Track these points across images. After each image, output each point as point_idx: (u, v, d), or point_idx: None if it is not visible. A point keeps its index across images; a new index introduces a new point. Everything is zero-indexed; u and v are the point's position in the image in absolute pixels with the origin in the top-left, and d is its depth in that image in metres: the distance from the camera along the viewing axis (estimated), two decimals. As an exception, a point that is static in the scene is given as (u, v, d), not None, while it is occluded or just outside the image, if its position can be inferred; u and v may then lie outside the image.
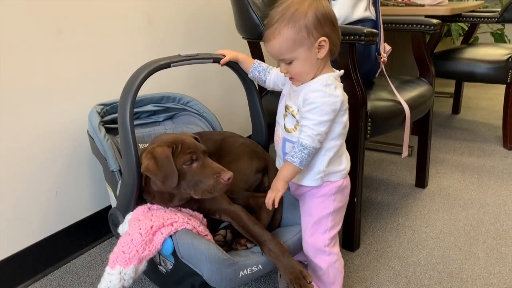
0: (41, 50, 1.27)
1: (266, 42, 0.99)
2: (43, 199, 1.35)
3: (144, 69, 1.04)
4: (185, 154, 1.01)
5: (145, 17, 1.59)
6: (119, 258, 0.95)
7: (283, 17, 0.95)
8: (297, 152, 0.98)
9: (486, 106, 3.18)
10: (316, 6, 0.96)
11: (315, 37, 0.96)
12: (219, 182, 1.00)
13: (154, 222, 1.00)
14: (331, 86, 0.98)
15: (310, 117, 0.97)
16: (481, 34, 3.55)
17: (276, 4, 0.99)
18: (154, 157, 1.00)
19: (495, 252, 1.43)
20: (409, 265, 1.37)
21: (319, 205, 1.07)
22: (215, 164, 1.03)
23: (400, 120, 1.46)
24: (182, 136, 1.06)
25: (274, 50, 0.99)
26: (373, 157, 2.27)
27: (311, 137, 0.96)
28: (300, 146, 0.97)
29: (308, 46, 0.96)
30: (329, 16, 0.98)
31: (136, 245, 0.96)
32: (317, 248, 1.08)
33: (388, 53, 1.62)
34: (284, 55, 0.98)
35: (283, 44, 0.96)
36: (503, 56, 2.29)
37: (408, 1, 2.31)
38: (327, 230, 1.08)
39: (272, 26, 0.97)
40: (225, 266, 0.95)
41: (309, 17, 0.95)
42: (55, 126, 1.35)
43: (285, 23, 0.95)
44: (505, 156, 2.24)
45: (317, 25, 0.95)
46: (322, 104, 0.96)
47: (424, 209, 1.72)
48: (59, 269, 1.40)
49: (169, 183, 1.00)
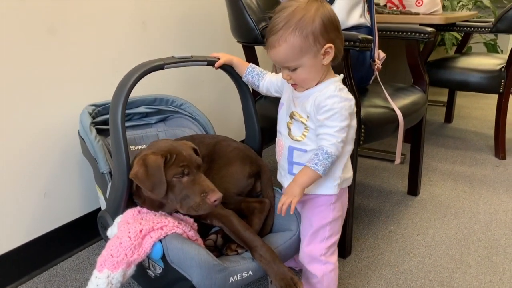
0: (32, 49, 1.25)
1: (270, 49, 0.96)
2: (31, 200, 1.33)
3: (138, 70, 1.03)
4: (177, 167, 0.99)
5: (140, 18, 1.57)
6: (107, 262, 0.94)
7: (288, 23, 0.92)
8: (321, 160, 0.95)
9: (479, 116, 3.20)
10: (322, 12, 0.93)
11: (321, 44, 0.93)
12: (205, 202, 0.98)
13: (144, 225, 0.98)
14: (344, 90, 0.97)
15: (331, 124, 0.95)
16: (474, 44, 3.59)
17: (278, 8, 0.96)
18: (145, 165, 0.98)
19: (486, 261, 1.43)
20: (401, 273, 1.37)
21: (318, 214, 1.07)
22: (206, 182, 1.00)
23: (393, 127, 1.46)
24: (180, 147, 1.03)
25: (279, 58, 0.96)
26: (366, 164, 2.27)
27: (335, 145, 0.95)
28: (325, 154, 0.95)
29: (314, 53, 0.94)
30: (334, 21, 0.96)
31: (125, 249, 0.94)
32: (313, 256, 1.07)
33: (383, 60, 1.62)
34: (289, 62, 0.96)
35: (289, 51, 0.93)
36: (496, 66, 2.31)
37: (403, 9, 2.33)
38: (324, 239, 1.08)
39: (277, 33, 0.93)
40: (215, 271, 0.94)
41: (316, 23, 0.92)
42: (45, 127, 1.33)
43: (292, 30, 0.92)
44: (496, 166, 2.25)
45: (323, 32, 0.93)
46: (341, 109, 0.95)
47: (416, 217, 1.72)
48: (45, 272, 1.37)
49: (156, 192, 0.99)
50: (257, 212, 1.13)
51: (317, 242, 1.07)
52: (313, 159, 0.96)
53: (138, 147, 1.35)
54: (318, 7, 0.93)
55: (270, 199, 1.18)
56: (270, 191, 1.19)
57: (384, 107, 1.46)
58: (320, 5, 0.94)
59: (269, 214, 1.17)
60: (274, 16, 0.95)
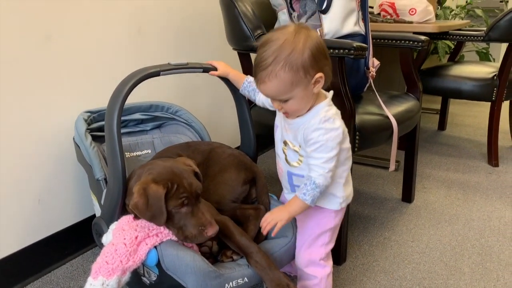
0: (28, 55, 1.26)
1: (261, 84, 0.95)
2: (26, 207, 1.32)
3: (134, 77, 1.03)
4: (178, 199, 0.97)
5: (136, 25, 1.58)
6: (102, 269, 0.93)
7: (278, 58, 0.91)
8: (309, 190, 0.97)
9: (472, 123, 3.23)
10: (310, 43, 0.92)
11: (311, 75, 0.93)
12: (202, 235, 0.98)
13: (139, 232, 0.98)
14: (329, 120, 0.97)
15: (318, 156, 0.96)
16: (466, 52, 3.63)
17: (264, 40, 0.94)
18: (146, 195, 0.95)
19: (480, 268, 1.44)
20: (395, 280, 1.37)
21: (321, 220, 1.09)
22: (204, 215, 0.99)
23: (387, 134, 1.47)
24: (182, 173, 1.00)
25: (270, 92, 0.96)
26: (360, 171, 2.28)
27: (323, 175, 0.96)
28: (313, 185, 0.97)
29: (305, 85, 0.94)
30: (322, 49, 0.95)
31: (120, 256, 0.94)
32: (312, 260, 1.09)
33: (377, 67, 1.64)
34: (281, 96, 0.95)
35: (280, 86, 0.93)
36: (488, 74, 2.33)
37: (397, 18, 2.35)
38: (324, 244, 1.10)
39: (266, 68, 0.92)
40: (211, 278, 0.94)
41: (305, 56, 0.91)
42: (40, 133, 1.32)
43: (282, 66, 0.91)
44: (489, 173, 2.26)
45: (313, 63, 0.92)
46: (326, 141, 0.96)
47: (410, 223, 1.73)
48: (39, 279, 1.36)
49: (155, 222, 0.98)
50: (253, 219, 1.13)
51: (317, 246, 1.09)
52: (302, 188, 0.98)
53: (134, 153, 1.35)
54: (305, 38, 0.92)
55: (265, 206, 1.18)
56: (265, 197, 1.20)
57: (378, 114, 1.47)
58: (307, 35, 0.93)
59: (265, 221, 1.17)
60: (261, 50, 0.93)
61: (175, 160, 1.07)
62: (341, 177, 1.05)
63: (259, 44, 0.95)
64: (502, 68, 2.26)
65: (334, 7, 1.50)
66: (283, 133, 1.07)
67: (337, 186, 1.06)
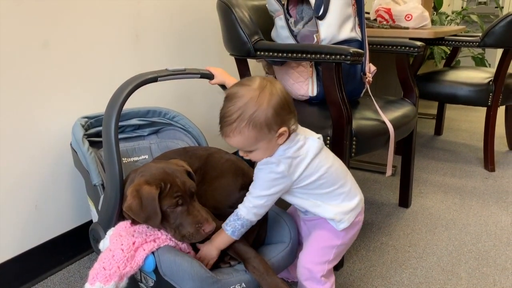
0: (26, 62, 1.26)
1: (226, 137, 0.99)
2: (22, 213, 1.32)
3: (131, 83, 1.03)
4: (171, 198, 0.97)
5: (133, 31, 1.59)
6: (99, 275, 0.93)
7: (242, 116, 0.94)
8: (231, 221, 1.01)
9: (468, 128, 3.24)
10: (274, 101, 0.95)
11: (275, 130, 0.97)
12: (199, 232, 0.98)
13: (137, 238, 0.98)
14: (272, 165, 0.98)
15: (252, 190, 1.01)
16: (462, 57, 3.65)
17: (230, 95, 0.98)
18: (139, 197, 0.96)
19: (477, 273, 1.44)
20: (392, 285, 1.37)
21: (328, 234, 1.07)
22: (200, 212, 0.99)
23: (384, 139, 1.47)
24: (174, 173, 1.01)
25: (235, 145, 1.00)
26: (357, 175, 2.28)
27: (247, 208, 1.00)
28: (235, 216, 1.01)
29: (269, 139, 0.98)
30: (285, 103, 0.98)
31: (118, 261, 0.94)
32: (313, 275, 1.07)
33: (373, 73, 1.65)
34: (245, 148, 1.00)
35: (244, 141, 0.97)
36: (484, 79, 2.35)
37: (393, 24, 2.37)
38: (327, 262, 1.08)
39: (231, 124, 0.95)
40: (208, 284, 0.94)
41: (269, 114, 0.95)
42: (38, 138, 1.32)
43: (245, 124, 0.94)
44: (486, 178, 2.27)
45: (276, 120, 0.96)
46: (261, 179, 1.00)
47: (407, 228, 1.73)
48: (36, 285, 1.35)
49: (151, 223, 0.98)
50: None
51: (321, 263, 1.07)
52: (227, 219, 1.02)
53: (131, 159, 1.35)
54: (270, 97, 0.95)
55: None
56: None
57: (375, 119, 1.48)
58: (271, 93, 0.95)
59: (262, 226, 1.17)
60: (225, 104, 0.97)
61: (167, 162, 1.08)
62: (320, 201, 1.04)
63: (225, 96, 0.99)
64: (497, 73, 2.27)
65: (331, 13, 1.51)
66: None
67: (324, 210, 1.04)
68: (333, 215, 1.04)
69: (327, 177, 1.03)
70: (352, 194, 1.07)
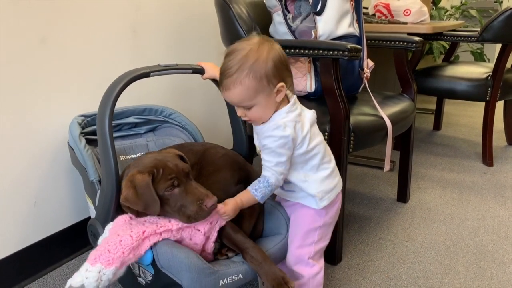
0: (23, 58, 1.26)
1: (225, 91, 1.00)
2: (22, 209, 1.33)
3: (124, 78, 1.04)
4: (166, 180, 0.98)
5: (130, 27, 1.58)
6: (102, 256, 0.91)
7: (242, 67, 0.96)
8: (261, 188, 1.02)
9: (466, 123, 3.25)
10: (273, 54, 0.98)
11: (274, 84, 0.98)
12: (202, 209, 0.98)
13: (147, 227, 0.97)
14: (280, 128, 1.00)
15: (269, 159, 1.02)
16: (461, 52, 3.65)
17: (229, 51, 1.00)
18: (134, 186, 0.96)
19: (475, 267, 1.45)
20: (391, 279, 1.38)
21: (310, 218, 1.09)
22: (198, 189, 1.00)
23: (382, 134, 1.47)
24: (165, 158, 1.02)
25: (234, 99, 1.01)
26: (356, 171, 2.29)
27: (275, 176, 1.02)
28: (266, 183, 1.02)
29: (267, 93, 0.99)
30: (284, 60, 1.01)
31: (123, 247, 0.92)
32: (300, 258, 1.09)
33: (371, 69, 1.65)
34: (245, 102, 1.00)
35: (244, 93, 0.98)
36: (483, 74, 2.35)
37: (391, 19, 2.36)
38: (313, 243, 1.10)
39: (231, 76, 0.97)
40: (205, 275, 0.94)
41: (269, 66, 0.97)
42: (35, 136, 1.33)
43: (246, 73, 0.96)
44: (484, 172, 2.28)
45: (275, 73, 0.98)
46: (275, 147, 1.00)
47: (405, 223, 1.74)
48: (35, 281, 1.36)
49: (151, 211, 0.98)
50: (247, 217, 1.14)
51: (306, 245, 1.09)
52: (255, 184, 1.03)
53: (128, 156, 1.35)
54: (269, 49, 0.98)
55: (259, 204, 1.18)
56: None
57: (373, 115, 1.48)
58: (270, 47, 0.99)
59: (259, 219, 1.17)
60: (226, 59, 0.99)
61: (157, 152, 1.09)
62: (307, 176, 1.07)
63: (225, 53, 1.01)
64: (496, 68, 2.28)
65: (329, 9, 1.51)
66: (254, 138, 1.13)
67: (308, 185, 1.07)
68: (316, 192, 1.07)
69: (319, 149, 1.07)
70: (335, 173, 1.12)
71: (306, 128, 1.04)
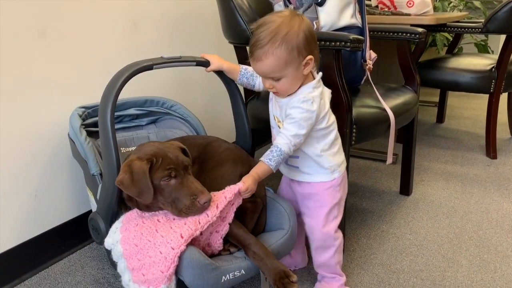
0: (22, 51, 1.25)
1: (257, 61, 1.02)
2: (22, 203, 1.32)
3: (127, 71, 1.02)
4: (163, 170, 0.98)
5: (131, 19, 1.57)
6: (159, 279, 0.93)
7: (275, 38, 0.99)
8: (275, 156, 1.05)
9: (470, 116, 3.23)
10: (304, 26, 1.01)
11: (303, 56, 1.02)
12: (195, 205, 0.97)
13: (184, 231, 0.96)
14: (308, 102, 1.04)
15: (289, 128, 1.05)
16: (465, 44, 3.61)
17: (260, 23, 1.03)
18: (131, 171, 0.97)
19: (478, 260, 1.44)
20: (393, 272, 1.37)
21: (329, 195, 1.16)
22: (194, 184, 1.00)
23: (385, 127, 1.46)
24: (166, 149, 1.02)
25: (265, 69, 1.03)
26: (358, 164, 2.28)
27: (288, 145, 1.04)
28: (278, 152, 1.05)
29: (297, 65, 1.02)
30: (313, 34, 1.05)
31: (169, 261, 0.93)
32: (328, 235, 1.17)
33: (374, 60, 1.63)
34: (275, 73, 1.03)
35: (275, 64, 1.00)
36: (487, 66, 2.32)
37: (394, 10, 2.34)
38: (335, 218, 1.18)
39: (263, 47, 0.99)
40: (207, 271, 0.94)
41: (300, 38, 1.00)
42: (35, 129, 1.32)
43: (278, 44, 0.99)
44: (488, 165, 2.26)
45: (306, 45, 1.01)
46: (300, 119, 1.04)
47: (408, 216, 1.73)
48: (36, 274, 1.36)
49: (143, 198, 0.98)
50: (250, 212, 1.13)
51: (331, 221, 1.17)
52: (268, 154, 1.05)
53: (129, 148, 1.34)
54: (300, 22, 1.02)
55: (262, 199, 1.18)
56: (262, 190, 1.19)
57: (375, 107, 1.47)
58: (301, 20, 1.03)
59: (262, 214, 1.17)
60: (257, 31, 1.02)
61: (160, 142, 1.09)
62: (323, 150, 1.12)
63: (256, 26, 1.04)
64: (500, 60, 2.25)
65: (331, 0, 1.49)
66: (273, 107, 1.15)
67: (323, 160, 1.13)
68: (329, 166, 1.14)
69: (335, 126, 1.14)
70: (342, 149, 1.20)
71: (327, 105, 1.10)
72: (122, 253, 1.00)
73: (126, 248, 0.99)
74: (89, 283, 1.32)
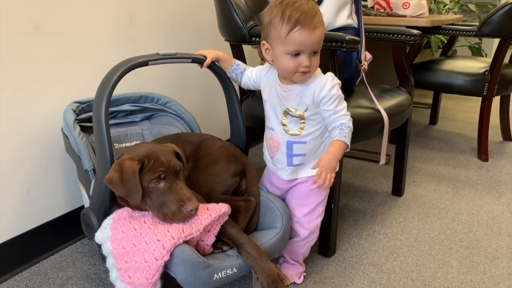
0: (16, 45, 1.24)
1: (314, 29, 1.01)
2: (14, 197, 1.31)
3: (122, 66, 1.02)
4: (153, 172, 0.97)
5: (127, 15, 1.56)
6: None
7: (317, 8, 1.03)
8: (347, 133, 1.08)
9: (463, 118, 3.25)
10: None
11: None
12: (181, 211, 0.96)
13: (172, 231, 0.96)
14: (334, 78, 1.09)
15: (340, 108, 1.09)
16: (459, 47, 3.63)
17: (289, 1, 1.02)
18: (121, 170, 0.96)
19: (468, 261, 1.45)
20: (384, 273, 1.38)
21: (314, 194, 1.19)
22: (183, 190, 0.98)
23: (378, 128, 1.47)
24: (159, 151, 1.01)
25: (316, 39, 1.03)
26: (351, 164, 2.28)
27: (350, 121, 1.10)
28: (348, 129, 1.09)
29: None
30: None
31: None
32: (312, 231, 1.22)
33: (369, 61, 1.63)
34: (319, 44, 1.05)
35: (323, 33, 1.04)
36: (480, 69, 2.34)
37: (390, 12, 2.35)
38: (319, 215, 1.23)
39: (315, 15, 1.01)
40: (199, 268, 0.94)
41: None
42: (29, 123, 1.31)
43: (320, 15, 1.03)
44: (479, 167, 2.28)
45: None
46: (340, 94, 1.09)
47: (399, 217, 1.74)
48: (27, 269, 1.35)
49: (131, 199, 0.98)
50: (243, 211, 1.13)
51: (314, 218, 1.22)
52: (340, 133, 1.08)
53: (123, 144, 1.34)
54: None
55: (255, 197, 1.18)
56: (255, 189, 1.20)
57: (369, 108, 1.48)
58: None
59: (255, 212, 1.17)
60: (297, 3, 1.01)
61: (155, 144, 1.08)
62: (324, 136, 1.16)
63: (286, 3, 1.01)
64: (493, 63, 2.27)
65: (327, 0, 1.49)
66: (282, 103, 1.13)
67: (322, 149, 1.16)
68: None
69: None
70: None
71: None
72: (111, 251, 1.00)
73: (115, 247, 0.99)
74: (80, 278, 1.31)
